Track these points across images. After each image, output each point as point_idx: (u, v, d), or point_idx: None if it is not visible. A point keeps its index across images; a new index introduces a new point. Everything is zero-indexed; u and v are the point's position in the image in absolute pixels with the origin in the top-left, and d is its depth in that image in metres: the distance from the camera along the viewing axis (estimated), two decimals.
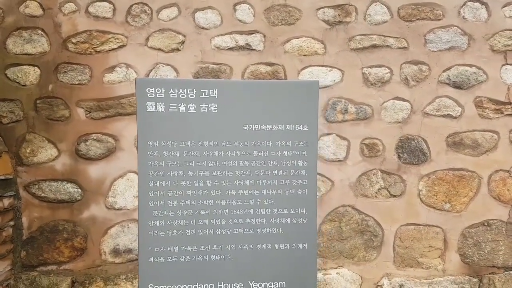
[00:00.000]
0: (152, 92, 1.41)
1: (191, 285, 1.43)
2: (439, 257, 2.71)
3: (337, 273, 2.64)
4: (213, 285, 1.45)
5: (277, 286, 1.47)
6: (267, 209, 1.46)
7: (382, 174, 2.68)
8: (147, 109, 1.41)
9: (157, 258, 1.42)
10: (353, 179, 2.67)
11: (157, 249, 1.42)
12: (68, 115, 2.62)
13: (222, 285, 1.45)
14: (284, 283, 1.47)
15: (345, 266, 2.69)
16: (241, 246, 1.45)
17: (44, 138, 2.61)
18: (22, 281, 2.53)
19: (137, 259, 2.62)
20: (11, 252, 2.53)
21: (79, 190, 2.61)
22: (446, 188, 2.71)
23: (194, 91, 1.42)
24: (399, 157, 2.69)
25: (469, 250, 2.71)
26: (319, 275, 2.60)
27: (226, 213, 1.45)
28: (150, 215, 1.42)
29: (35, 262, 2.60)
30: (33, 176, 2.61)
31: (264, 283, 1.47)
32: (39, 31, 2.63)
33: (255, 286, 1.46)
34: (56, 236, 2.60)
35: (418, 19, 2.71)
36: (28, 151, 2.61)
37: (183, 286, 1.43)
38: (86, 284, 2.53)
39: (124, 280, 2.54)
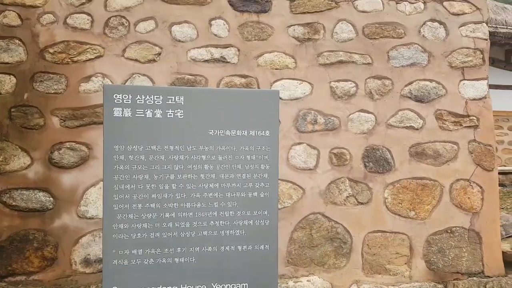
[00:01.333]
0: (119, 98, 1.41)
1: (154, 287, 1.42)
2: (405, 263, 2.75)
3: (307, 281, 2.64)
4: (176, 287, 1.43)
5: (240, 287, 1.47)
6: (230, 212, 1.47)
7: (350, 182, 2.73)
8: (113, 114, 1.41)
9: (121, 261, 1.40)
10: (323, 187, 2.70)
11: (121, 252, 1.40)
12: (43, 124, 2.58)
13: (185, 287, 1.44)
14: (247, 284, 1.46)
15: (315, 273, 2.69)
16: (204, 248, 1.45)
17: (17, 146, 2.56)
18: None
19: None
20: None
21: (51, 199, 2.55)
22: (410, 196, 2.77)
23: (161, 98, 1.44)
24: (365, 166, 2.75)
25: (434, 257, 2.77)
26: (291, 283, 2.60)
27: (191, 215, 1.45)
28: (115, 218, 1.40)
29: (3, 272, 2.50)
30: (4, 185, 2.54)
31: (227, 285, 1.46)
32: (17, 41, 2.61)
33: None
34: (26, 246, 2.51)
35: (381, 37, 2.82)
36: (0, 159, 2.55)
37: None
38: None
39: None
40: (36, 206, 2.54)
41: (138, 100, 1.43)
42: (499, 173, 4.35)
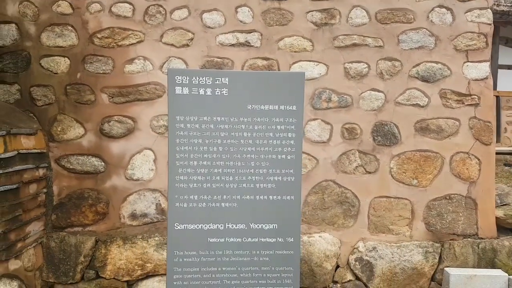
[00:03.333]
0: (179, 79, 1.88)
1: (207, 225, 1.91)
2: (407, 225, 3.23)
3: (319, 237, 3.15)
4: (222, 225, 1.93)
5: (271, 227, 1.95)
6: (264, 169, 1.94)
7: (360, 154, 3.19)
8: (175, 92, 1.88)
9: (181, 204, 1.90)
10: (335, 158, 3.16)
11: (181, 197, 1.89)
12: (94, 100, 3.08)
13: (229, 225, 1.93)
14: (276, 225, 1.96)
15: (326, 231, 3.20)
16: (244, 196, 1.92)
17: (72, 119, 3.07)
18: (53, 239, 3.00)
19: (151, 222, 3.11)
20: (44, 215, 2.99)
21: (103, 163, 3.08)
22: (414, 167, 3.22)
23: (211, 79, 1.90)
24: (374, 139, 3.20)
25: (433, 220, 3.23)
26: (305, 238, 3.11)
27: (233, 171, 1.92)
28: (177, 172, 1.89)
29: (63, 224, 3.07)
30: (63, 151, 3.07)
31: (261, 225, 1.95)
32: (69, 27, 3.08)
33: (253, 227, 1.95)
34: (82, 202, 3.07)
35: (392, 22, 3.20)
36: (59, 129, 3.07)
37: (200, 225, 1.91)
38: (107, 243, 3.01)
39: (140, 239, 3.02)
40: (90, 169, 3.07)
41: (193, 81, 1.88)
42: (507, 153, 4.74)
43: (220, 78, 1.90)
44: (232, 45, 3.16)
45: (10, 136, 2.59)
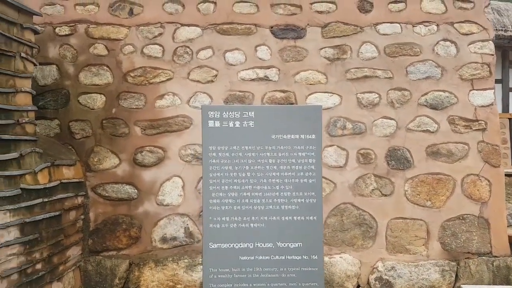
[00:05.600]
0: (212, 114, 2.11)
1: (238, 244, 2.09)
2: (423, 245, 3.32)
3: (340, 257, 3.27)
4: (252, 244, 2.10)
5: (296, 246, 2.11)
6: (288, 192, 2.13)
7: (375, 177, 3.34)
8: (208, 125, 2.11)
9: (215, 225, 2.08)
10: (352, 181, 3.33)
11: (215, 219, 2.08)
12: (128, 132, 3.35)
13: (258, 244, 2.10)
14: (301, 243, 2.12)
15: (346, 252, 3.32)
16: (271, 217, 2.11)
17: (108, 150, 3.33)
18: (90, 263, 3.19)
19: (180, 245, 3.28)
20: (81, 240, 3.20)
21: (136, 190, 3.30)
22: (427, 189, 3.35)
23: (239, 113, 2.13)
24: (388, 164, 3.36)
25: (448, 239, 3.33)
26: (326, 259, 3.23)
27: (260, 195, 2.11)
28: (210, 195, 2.09)
29: (99, 248, 3.26)
30: (99, 180, 3.31)
31: (287, 243, 2.12)
32: (105, 67, 3.39)
33: (280, 245, 2.11)
34: (116, 227, 3.27)
35: (400, 55, 3.43)
36: (95, 160, 3.33)
37: (232, 244, 2.09)
38: (140, 266, 3.19)
39: (171, 261, 3.19)
40: (124, 196, 3.30)
41: (223, 115, 2.12)
42: None
43: (247, 112, 2.14)
44: (253, 79, 3.42)
45: (53, 167, 2.84)
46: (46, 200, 2.65)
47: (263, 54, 3.44)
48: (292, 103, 3.39)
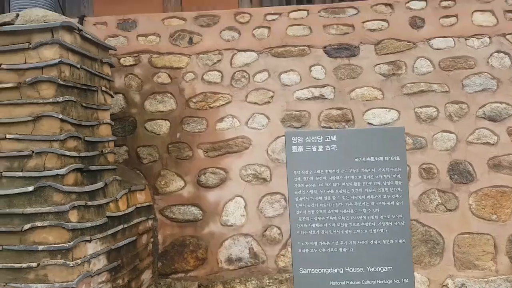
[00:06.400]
0: (295, 140, 2.03)
1: (328, 269, 1.98)
2: (491, 260, 3.12)
3: None
4: (342, 269, 1.98)
5: (386, 270, 1.99)
6: (375, 216, 2.01)
7: (439, 192, 3.18)
8: (292, 150, 2.03)
9: (303, 249, 1.98)
10: (415, 197, 3.17)
11: (303, 243, 1.98)
12: (191, 155, 3.31)
13: (348, 269, 1.99)
14: (391, 267, 1.99)
15: (414, 270, 3.12)
16: (359, 241, 2.00)
17: (174, 173, 3.30)
18: (161, 286, 3.13)
19: (245, 266, 3.19)
20: (151, 263, 3.16)
21: (201, 211, 3.25)
22: (492, 202, 3.16)
23: (321, 137, 2.04)
24: (451, 178, 3.19)
25: None
26: None
27: (347, 218, 2.01)
28: (297, 220, 2.00)
29: (168, 271, 3.21)
30: (166, 203, 3.28)
31: (377, 268, 1.99)
32: (168, 94, 3.39)
33: (371, 270, 1.99)
34: (184, 249, 3.21)
35: (455, 68, 3.29)
36: (162, 183, 3.30)
37: (322, 269, 1.98)
38: (209, 287, 3.11)
39: (238, 283, 3.10)
40: (190, 218, 3.25)
41: (307, 140, 2.03)
42: None
43: (329, 136, 2.06)
44: (308, 99, 3.34)
45: (130, 193, 2.82)
46: (125, 226, 2.63)
47: (318, 74, 3.37)
48: (349, 120, 3.29)
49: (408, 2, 3.37)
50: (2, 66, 2.25)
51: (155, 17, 3.46)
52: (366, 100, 3.33)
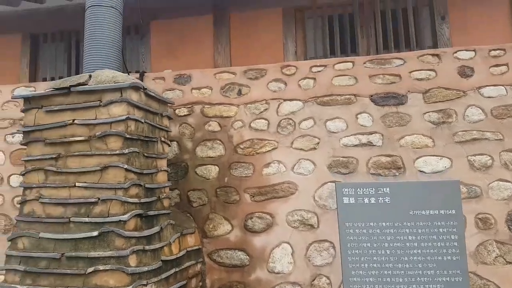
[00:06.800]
0: (346, 191, 2.09)
1: None
2: None
3: None
4: None
5: None
6: (431, 271, 1.97)
7: (497, 243, 3.02)
8: (343, 202, 2.08)
9: None
10: (472, 248, 3.03)
11: None
12: (239, 199, 3.42)
13: None
14: None
15: None
16: None
17: (222, 217, 3.41)
18: None
19: None
20: None
21: (247, 256, 3.29)
22: None
23: (374, 189, 2.08)
24: (509, 228, 3.03)
25: None
26: None
27: (402, 273, 1.98)
28: (350, 273, 2.00)
29: None
30: (214, 246, 3.37)
31: None
32: (218, 141, 3.58)
33: None
34: None
35: (508, 116, 3.22)
36: (210, 226, 3.41)
37: None
38: None
39: None
40: (237, 263, 3.30)
41: (358, 192, 2.08)
42: None
43: (382, 188, 2.09)
44: (355, 145, 3.39)
45: (181, 237, 2.95)
46: (177, 269, 2.73)
47: (365, 121, 3.43)
48: (399, 167, 3.27)
49: (455, 52, 3.41)
50: (76, 121, 2.52)
51: (207, 72, 3.75)
52: (417, 148, 3.31)
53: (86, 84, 2.58)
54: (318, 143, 3.45)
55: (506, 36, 4.07)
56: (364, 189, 2.08)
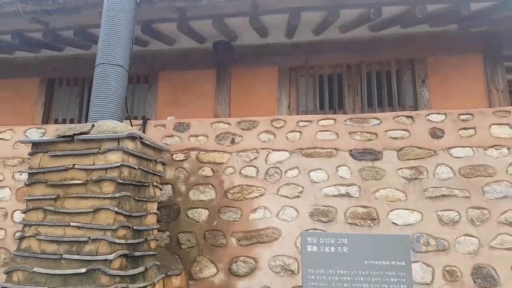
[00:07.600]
0: (310, 240, 2.42)
1: None
2: None
3: None
4: None
5: None
6: None
7: None
8: (307, 249, 2.40)
9: None
10: None
11: None
12: (225, 243, 3.71)
13: None
14: None
15: None
16: None
17: (208, 259, 3.67)
18: None
19: None
20: None
21: None
22: None
23: (333, 240, 2.41)
24: (474, 281, 3.25)
25: None
26: None
27: None
28: None
29: None
30: None
31: None
32: (210, 186, 3.94)
33: None
34: None
35: (475, 176, 3.53)
36: (197, 269, 3.67)
37: None
38: None
39: None
40: None
41: (320, 241, 2.41)
42: None
43: (341, 239, 2.40)
44: (335, 195, 3.71)
45: (167, 278, 3.21)
46: None
47: (344, 173, 3.77)
48: (374, 218, 3.56)
49: (428, 115, 3.79)
50: (76, 166, 2.78)
51: (205, 122, 4.16)
52: (390, 201, 3.63)
53: (88, 133, 2.85)
54: (302, 191, 3.79)
55: (482, 97, 4.54)
56: (326, 239, 2.40)
